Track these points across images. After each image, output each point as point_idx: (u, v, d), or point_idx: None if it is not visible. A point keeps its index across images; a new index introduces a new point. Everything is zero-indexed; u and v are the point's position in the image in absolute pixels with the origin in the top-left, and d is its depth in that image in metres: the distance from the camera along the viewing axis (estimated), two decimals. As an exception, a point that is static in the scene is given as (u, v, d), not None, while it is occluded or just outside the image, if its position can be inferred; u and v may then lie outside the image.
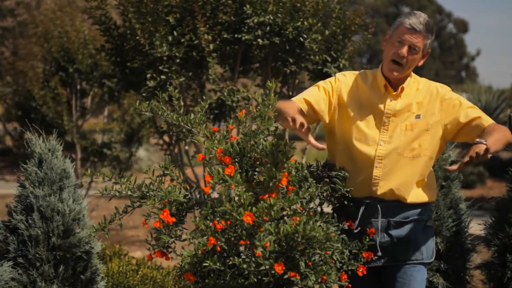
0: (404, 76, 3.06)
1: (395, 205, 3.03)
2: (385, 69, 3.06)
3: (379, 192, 3.02)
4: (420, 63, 3.07)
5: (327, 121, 3.11)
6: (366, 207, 3.03)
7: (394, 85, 3.08)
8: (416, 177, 3.04)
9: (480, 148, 2.70)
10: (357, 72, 3.17)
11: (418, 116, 3.04)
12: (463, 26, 49.11)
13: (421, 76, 3.18)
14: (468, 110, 3.03)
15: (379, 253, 3.03)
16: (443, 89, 3.11)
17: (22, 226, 3.16)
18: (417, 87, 3.10)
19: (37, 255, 3.14)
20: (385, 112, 3.05)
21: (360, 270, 2.92)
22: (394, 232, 3.04)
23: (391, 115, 3.04)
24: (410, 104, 3.06)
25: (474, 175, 13.29)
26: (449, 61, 46.91)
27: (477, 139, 2.77)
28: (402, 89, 3.07)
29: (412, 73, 3.13)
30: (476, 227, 4.08)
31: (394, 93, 3.06)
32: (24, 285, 3.12)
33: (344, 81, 3.12)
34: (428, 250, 3.11)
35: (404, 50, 2.98)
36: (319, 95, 3.08)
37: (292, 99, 3.13)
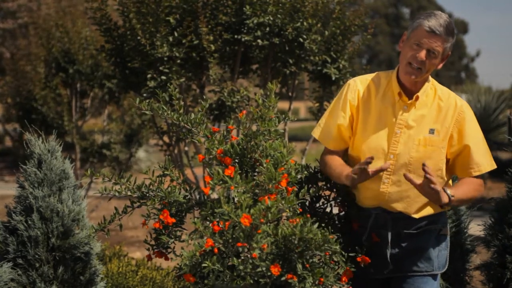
0: (421, 80, 2.87)
1: (406, 217, 2.87)
2: (402, 72, 2.86)
3: (387, 206, 2.87)
4: (439, 67, 2.85)
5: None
6: (376, 218, 2.89)
7: (409, 91, 2.88)
8: None
9: (444, 198, 2.70)
10: (369, 78, 2.96)
11: (432, 131, 2.85)
12: (463, 27, 49.16)
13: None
14: (471, 158, 2.88)
15: (391, 267, 2.89)
16: (464, 107, 2.91)
17: (21, 227, 3.15)
18: (434, 94, 2.91)
19: (37, 256, 3.14)
20: (397, 122, 2.86)
21: (343, 278, 2.86)
22: (405, 244, 2.89)
23: (403, 126, 2.85)
24: (425, 116, 2.87)
25: (474, 175, 13.21)
26: (449, 62, 46.89)
27: (448, 190, 2.72)
28: (417, 97, 2.87)
29: (430, 78, 2.92)
30: (475, 227, 4.07)
31: (409, 101, 2.87)
32: (24, 286, 3.12)
33: (357, 89, 2.93)
34: (440, 260, 2.95)
35: (422, 54, 2.77)
36: (346, 120, 2.94)
37: (321, 125, 3.01)
